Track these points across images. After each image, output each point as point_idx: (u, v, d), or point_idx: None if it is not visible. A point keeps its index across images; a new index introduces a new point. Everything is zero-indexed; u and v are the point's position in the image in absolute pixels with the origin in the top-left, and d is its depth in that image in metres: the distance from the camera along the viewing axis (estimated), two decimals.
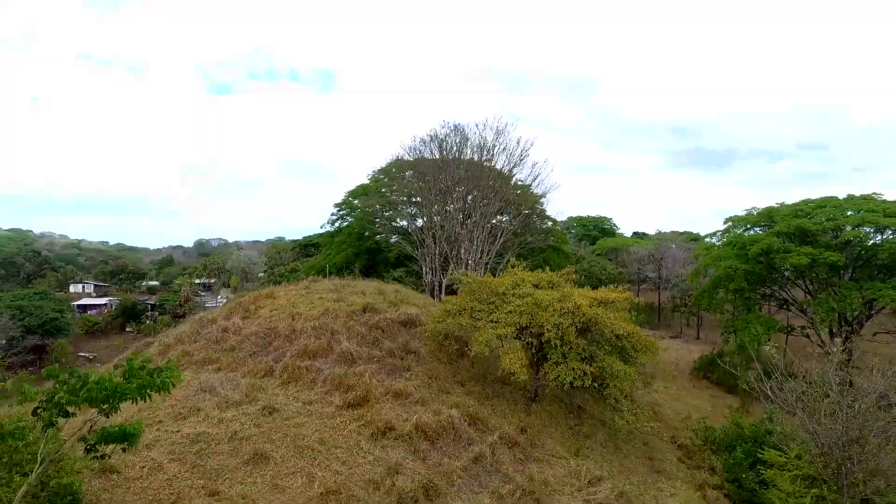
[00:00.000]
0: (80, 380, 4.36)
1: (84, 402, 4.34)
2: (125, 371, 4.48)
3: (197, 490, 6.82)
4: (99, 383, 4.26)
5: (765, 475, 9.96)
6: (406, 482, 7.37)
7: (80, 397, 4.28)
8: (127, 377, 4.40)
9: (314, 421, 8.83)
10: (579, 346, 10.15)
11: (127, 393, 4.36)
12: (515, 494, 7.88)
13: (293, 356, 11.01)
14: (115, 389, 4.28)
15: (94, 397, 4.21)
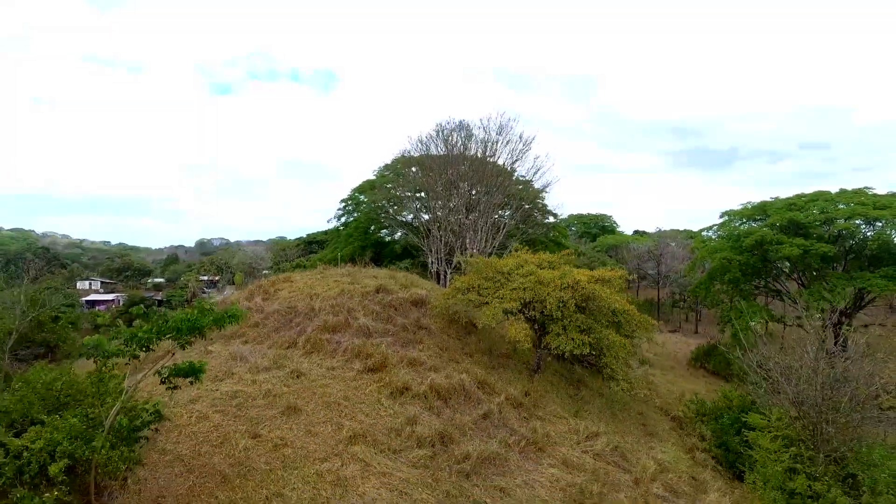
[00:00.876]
0: (163, 318, 5.27)
1: (168, 336, 5.25)
2: (199, 309, 5.38)
3: (241, 433, 7.74)
4: (183, 317, 5.16)
5: (748, 437, 10.85)
6: (423, 430, 8.30)
7: (167, 330, 5.19)
8: (202, 314, 5.30)
9: (338, 382, 9.75)
10: (578, 320, 11.06)
11: (205, 324, 5.26)
12: (521, 443, 8.79)
13: (314, 330, 11.92)
14: (195, 322, 5.18)
15: (181, 328, 5.11)
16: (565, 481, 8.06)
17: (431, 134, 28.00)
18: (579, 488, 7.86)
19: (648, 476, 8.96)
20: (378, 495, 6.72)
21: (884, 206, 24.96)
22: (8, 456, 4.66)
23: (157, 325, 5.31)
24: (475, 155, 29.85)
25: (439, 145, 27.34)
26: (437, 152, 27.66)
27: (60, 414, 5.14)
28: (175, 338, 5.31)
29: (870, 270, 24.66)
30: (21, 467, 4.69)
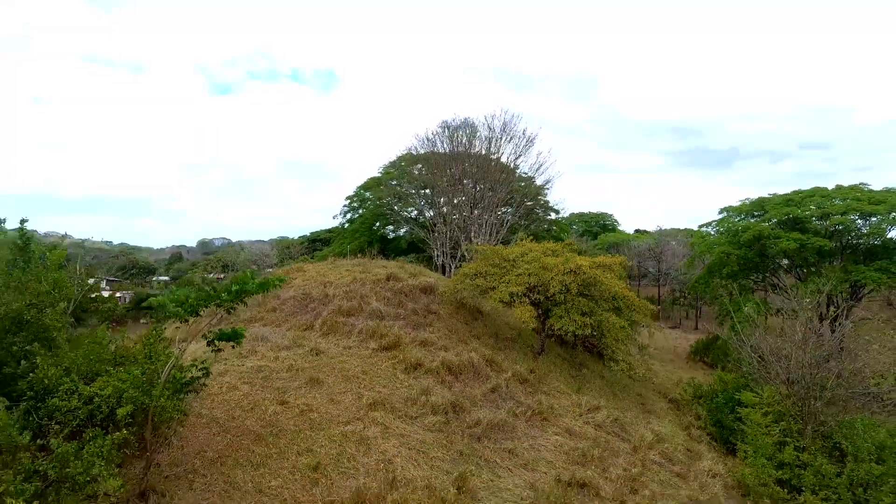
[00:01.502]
0: (211, 285, 5.92)
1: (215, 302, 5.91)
2: (242, 279, 6.03)
3: (269, 401, 8.39)
4: (230, 285, 5.82)
5: (741, 413, 11.49)
6: (437, 399, 8.94)
7: (214, 297, 5.84)
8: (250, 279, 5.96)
9: (355, 359, 10.40)
10: (580, 303, 11.71)
11: (251, 290, 5.91)
12: (527, 413, 9.43)
13: (329, 314, 12.57)
14: (242, 288, 5.83)
15: (230, 290, 5.76)
16: (568, 446, 8.70)
17: (437, 131, 28.68)
18: (581, 452, 8.50)
19: (646, 444, 9.60)
20: (398, 453, 7.37)
21: (879, 202, 25.55)
22: (80, 400, 5.31)
23: (205, 293, 5.98)
24: (479, 152, 30.53)
25: (444, 142, 28.02)
26: (443, 149, 28.33)
27: (119, 370, 5.81)
28: (222, 302, 5.97)
29: (865, 264, 25.26)
30: (92, 411, 5.34)
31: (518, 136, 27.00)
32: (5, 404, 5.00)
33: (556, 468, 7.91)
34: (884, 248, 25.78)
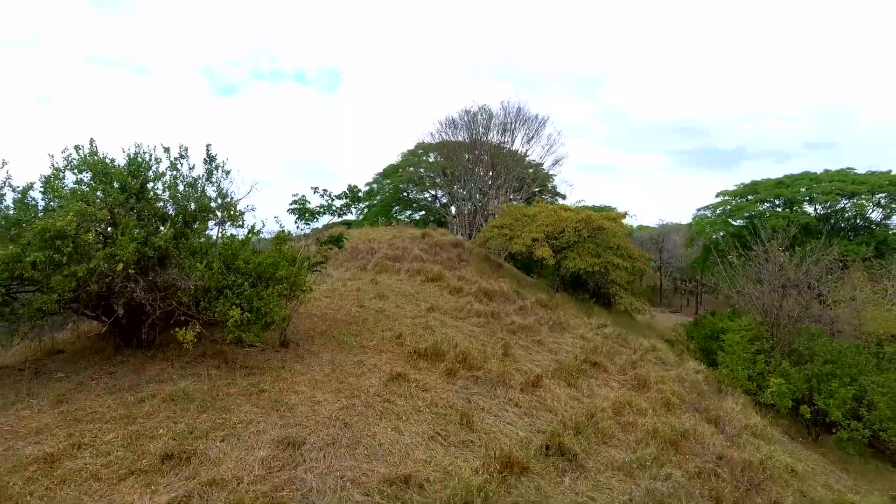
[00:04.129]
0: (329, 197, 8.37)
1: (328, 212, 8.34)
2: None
3: (350, 305, 10.78)
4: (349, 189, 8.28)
5: (723, 339, 13.83)
6: (479, 308, 11.33)
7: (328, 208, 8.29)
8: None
9: (407, 286, 12.79)
10: (590, 247, 14.08)
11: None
12: (549, 323, 11.80)
13: (378, 259, 14.99)
14: (355, 194, 8.24)
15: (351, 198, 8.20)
16: (582, 345, 11.05)
17: (456, 118, 31.06)
18: (592, 347, 10.84)
19: (643, 349, 11.94)
20: (455, 334, 9.74)
21: (861, 182, 27.88)
22: (253, 264, 7.67)
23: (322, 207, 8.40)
24: (492, 140, 32.89)
25: (462, 128, 30.37)
26: (462, 135, 30.67)
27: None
28: (335, 212, 8.38)
29: (849, 240, 27.51)
30: (260, 273, 7.70)
31: (531, 118, 29.39)
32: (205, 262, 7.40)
33: (574, 354, 10.27)
34: (866, 226, 28.04)
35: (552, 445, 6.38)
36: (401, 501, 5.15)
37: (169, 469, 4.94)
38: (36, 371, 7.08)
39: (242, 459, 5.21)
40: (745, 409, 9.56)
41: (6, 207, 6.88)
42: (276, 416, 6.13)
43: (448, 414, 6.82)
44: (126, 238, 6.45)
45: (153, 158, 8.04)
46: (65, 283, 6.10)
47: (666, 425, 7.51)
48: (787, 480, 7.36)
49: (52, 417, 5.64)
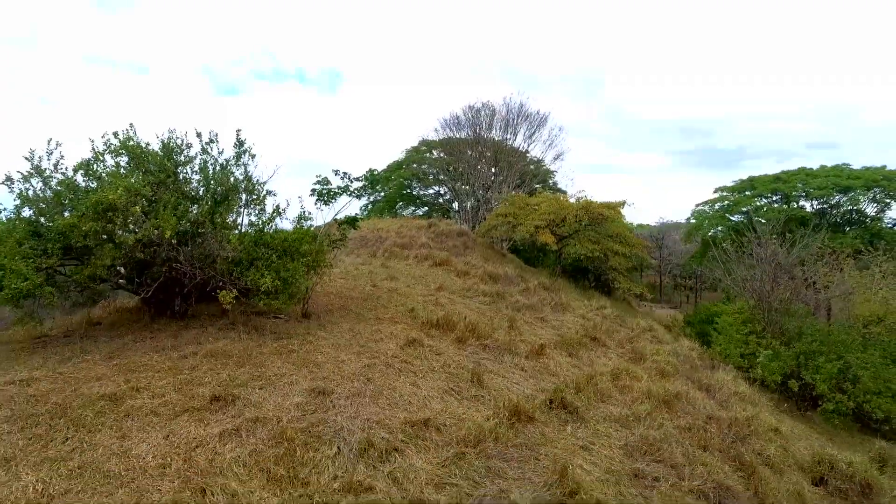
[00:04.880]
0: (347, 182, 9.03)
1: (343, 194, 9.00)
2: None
3: (363, 285, 11.43)
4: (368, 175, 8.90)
5: (717, 321, 14.46)
6: (485, 289, 11.98)
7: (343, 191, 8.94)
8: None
9: (416, 269, 13.44)
10: (589, 234, 14.72)
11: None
12: (551, 303, 12.45)
13: (387, 247, 15.64)
14: (374, 178, 8.84)
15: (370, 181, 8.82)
16: (582, 323, 11.70)
17: (460, 113, 31.72)
18: (592, 325, 11.49)
19: (640, 329, 12.58)
20: (465, 309, 10.38)
21: (856, 177, 28.49)
22: (276, 240, 8.31)
23: (340, 189, 9.06)
24: (493, 137, 33.54)
25: (466, 125, 31.03)
26: (466, 132, 31.32)
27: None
28: (353, 193, 9.03)
29: (843, 233, 28.13)
30: (286, 248, 8.35)
31: (532, 115, 30.04)
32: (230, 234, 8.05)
33: (575, 330, 10.91)
34: (860, 220, 28.66)
35: (555, 400, 7.03)
36: (421, 439, 5.80)
37: (217, 409, 5.60)
38: (82, 336, 7.73)
39: (280, 404, 5.86)
40: (736, 380, 10.20)
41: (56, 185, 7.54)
42: (306, 371, 6.78)
43: (460, 373, 7.47)
44: (168, 212, 7.11)
45: (184, 143, 8.71)
46: (115, 251, 6.76)
47: (660, 388, 8.15)
48: (771, 438, 8.00)
49: (107, 369, 6.29)
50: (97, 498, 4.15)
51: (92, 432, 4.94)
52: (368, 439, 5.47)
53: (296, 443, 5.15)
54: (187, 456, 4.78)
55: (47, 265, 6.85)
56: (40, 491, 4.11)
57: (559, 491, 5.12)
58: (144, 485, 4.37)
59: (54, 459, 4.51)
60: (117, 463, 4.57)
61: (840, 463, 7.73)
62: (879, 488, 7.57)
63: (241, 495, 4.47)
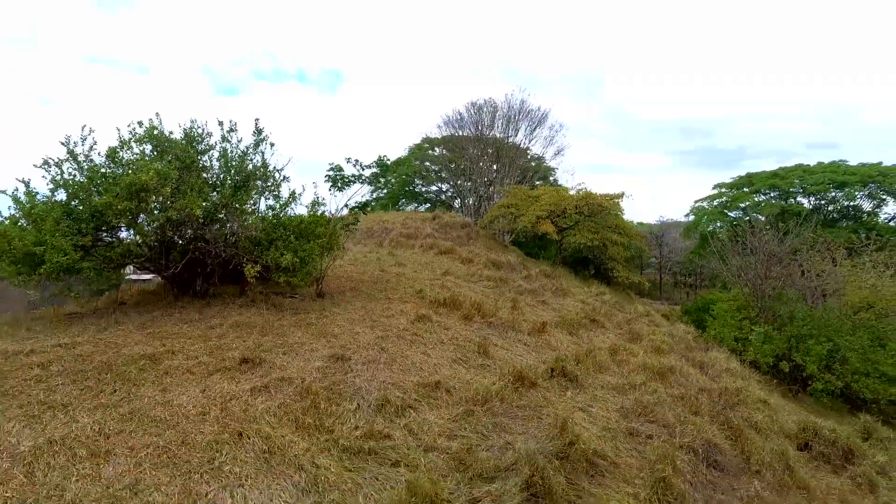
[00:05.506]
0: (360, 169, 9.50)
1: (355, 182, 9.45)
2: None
3: (372, 270, 11.92)
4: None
5: (712, 308, 14.94)
6: (488, 274, 12.47)
7: (356, 179, 9.40)
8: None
9: (421, 257, 13.94)
10: (589, 224, 15.21)
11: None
12: (552, 288, 12.94)
13: (393, 237, 16.14)
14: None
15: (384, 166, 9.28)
16: (582, 307, 12.19)
17: (463, 110, 32.22)
18: (592, 308, 11.99)
19: (638, 313, 13.07)
20: (469, 292, 10.88)
21: (852, 173, 28.93)
22: (293, 222, 8.81)
23: (353, 177, 9.55)
24: (495, 135, 34.05)
25: (468, 122, 31.53)
26: (469, 129, 31.81)
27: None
28: (363, 181, 9.51)
29: (839, 227, 28.58)
30: (302, 230, 8.85)
31: (533, 111, 30.53)
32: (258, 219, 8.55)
33: (575, 313, 11.41)
34: (855, 215, 29.12)
35: (556, 369, 7.53)
36: (433, 398, 6.30)
37: (246, 369, 6.11)
38: (112, 312, 8.24)
39: (302, 367, 6.37)
40: (729, 360, 10.69)
41: (87, 171, 8.04)
42: (324, 341, 7.29)
43: (467, 345, 7.97)
44: (194, 193, 7.62)
45: (205, 132, 9.22)
46: (147, 229, 7.27)
47: (655, 362, 8.64)
48: (760, 408, 8.49)
49: (142, 336, 6.80)
50: (148, 437, 4.66)
51: (136, 385, 5.45)
52: (385, 397, 5.98)
53: (320, 398, 5.66)
54: (223, 406, 5.29)
55: (82, 243, 7.35)
56: (97, 430, 4.62)
57: (560, 442, 5.60)
58: (188, 428, 4.88)
59: (106, 406, 5.02)
60: (162, 410, 5.07)
61: (824, 430, 8.22)
62: (861, 454, 8.05)
63: (274, 438, 4.97)
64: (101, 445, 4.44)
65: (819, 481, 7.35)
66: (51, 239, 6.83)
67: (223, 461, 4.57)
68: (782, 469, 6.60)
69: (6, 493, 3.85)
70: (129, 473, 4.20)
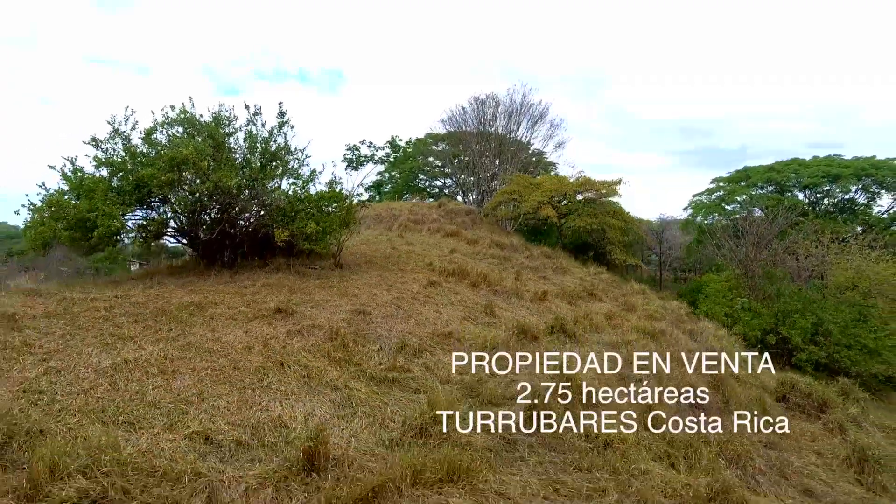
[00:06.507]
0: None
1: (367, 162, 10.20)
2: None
3: (384, 248, 12.69)
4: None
5: (705, 289, 15.69)
6: (493, 253, 13.24)
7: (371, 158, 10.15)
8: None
9: (429, 239, 14.70)
10: (588, 209, 15.96)
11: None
12: (553, 267, 13.71)
13: (402, 222, 16.91)
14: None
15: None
16: (581, 284, 12.95)
17: (466, 105, 32.90)
18: (590, 284, 12.75)
19: (634, 291, 13.83)
20: (476, 267, 11.65)
21: (846, 166, 29.63)
22: (314, 196, 9.59)
23: (366, 157, 10.31)
24: (499, 130, 34.75)
25: (472, 117, 32.22)
26: (472, 124, 32.49)
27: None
28: (377, 161, 10.27)
29: (834, 220, 29.30)
30: (320, 206, 9.62)
31: (535, 105, 31.21)
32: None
33: (574, 286, 12.17)
34: (850, 208, 29.82)
35: (556, 327, 8.30)
36: (445, 345, 7.08)
37: (280, 318, 6.89)
38: (150, 277, 9.03)
39: (329, 318, 7.15)
40: (717, 330, 11.44)
41: (127, 149, 8.83)
42: (346, 299, 8.07)
43: (475, 307, 8.74)
44: (228, 167, 8.40)
45: (232, 115, 10.01)
46: (187, 198, 8.05)
47: (647, 325, 9.41)
48: (743, 367, 9.23)
49: (185, 292, 7.58)
50: (205, 362, 5.45)
51: (188, 326, 6.23)
52: (404, 342, 6.76)
53: (347, 339, 6.44)
54: (265, 343, 6.08)
55: (128, 212, 8.15)
56: (162, 356, 5.41)
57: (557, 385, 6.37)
58: (237, 357, 5.66)
59: (166, 339, 5.80)
60: (213, 344, 5.86)
61: (801, 384, 8.98)
62: (834, 405, 8.80)
63: (311, 367, 5.76)
64: (167, 366, 5.23)
65: (793, 426, 8.11)
66: (102, 206, 7.61)
67: (270, 381, 5.36)
68: (759, 412, 7.35)
69: (96, 396, 4.64)
70: (195, 386, 4.99)
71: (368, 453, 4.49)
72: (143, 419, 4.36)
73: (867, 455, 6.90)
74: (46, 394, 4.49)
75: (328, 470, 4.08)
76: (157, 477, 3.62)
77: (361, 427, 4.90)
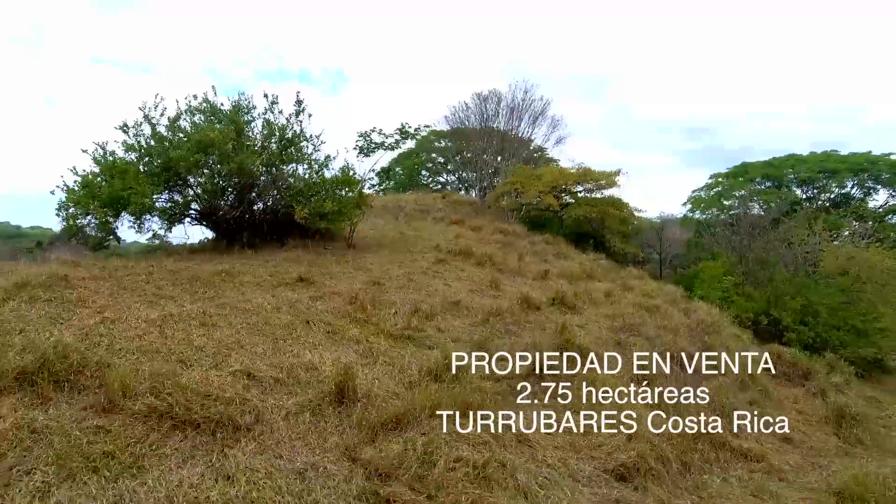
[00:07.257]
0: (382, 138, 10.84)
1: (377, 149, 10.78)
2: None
3: (392, 234, 13.27)
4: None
5: (701, 275, 16.25)
6: (496, 238, 13.82)
7: (381, 145, 10.74)
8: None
9: (434, 227, 15.29)
10: (589, 199, 16.52)
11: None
12: (554, 252, 14.27)
13: (407, 212, 17.50)
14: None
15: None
16: (581, 266, 13.52)
17: (469, 101, 33.46)
18: (590, 267, 13.32)
19: (632, 275, 14.38)
20: (480, 249, 12.23)
21: (842, 162, 30.19)
22: (329, 179, 10.17)
23: (377, 144, 10.90)
24: (499, 127, 35.33)
25: (474, 112, 32.77)
26: (475, 119, 33.01)
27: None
28: (387, 148, 10.86)
29: (828, 213, 29.86)
30: (328, 188, 10.20)
31: (536, 100, 31.72)
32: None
33: (574, 270, 12.74)
34: (845, 202, 30.37)
35: (557, 299, 8.87)
36: (455, 311, 7.66)
37: (303, 285, 7.47)
38: (174, 255, 9.61)
39: (347, 287, 7.73)
40: (710, 309, 11.99)
41: (155, 134, 9.42)
42: (361, 273, 8.65)
43: (481, 282, 9.32)
44: (250, 149, 8.99)
45: (250, 104, 10.60)
46: (212, 179, 8.64)
47: (643, 301, 9.97)
48: (732, 339, 9.81)
49: (212, 265, 8.15)
50: (240, 319, 6.03)
51: (221, 290, 6.82)
52: (416, 307, 7.34)
53: (366, 303, 7.02)
54: (291, 305, 6.66)
55: (157, 192, 8.74)
56: (202, 312, 5.99)
57: (559, 341, 6.94)
58: (267, 316, 6.25)
59: (203, 299, 6.39)
60: (245, 304, 6.44)
61: (787, 354, 9.55)
62: (816, 374, 9.37)
63: (335, 325, 6.35)
64: (207, 320, 5.81)
65: (778, 391, 8.68)
66: (135, 185, 8.21)
67: (299, 335, 5.94)
68: (745, 375, 7.92)
69: (149, 340, 5.22)
70: (233, 336, 5.57)
71: (390, 392, 5.07)
72: (192, 359, 4.94)
73: (844, 412, 7.48)
74: (105, 337, 5.06)
75: (356, 402, 4.67)
76: (212, 399, 4.20)
77: (383, 373, 5.48)
